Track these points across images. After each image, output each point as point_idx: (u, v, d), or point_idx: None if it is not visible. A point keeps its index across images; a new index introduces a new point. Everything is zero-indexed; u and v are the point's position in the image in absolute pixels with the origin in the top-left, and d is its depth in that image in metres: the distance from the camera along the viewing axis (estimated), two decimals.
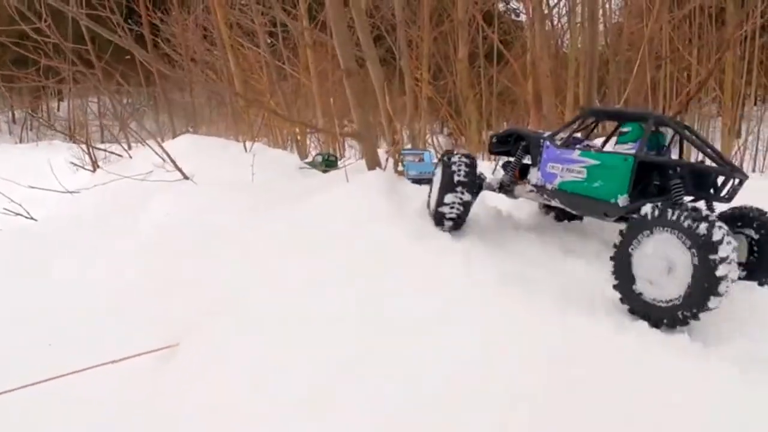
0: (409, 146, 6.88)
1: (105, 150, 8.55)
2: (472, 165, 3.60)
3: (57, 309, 3.16)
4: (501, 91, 14.32)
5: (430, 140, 13.45)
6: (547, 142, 3.59)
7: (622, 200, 2.97)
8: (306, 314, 2.57)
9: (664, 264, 2.53)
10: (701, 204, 3.13)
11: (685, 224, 2.42)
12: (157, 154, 6.70)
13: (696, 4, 11.71)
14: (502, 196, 3.95)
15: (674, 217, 2.48)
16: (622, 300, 2.69)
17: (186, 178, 6.02)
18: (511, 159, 3.92)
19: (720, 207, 3.13)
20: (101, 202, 5.79)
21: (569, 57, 12.24)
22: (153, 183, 5.95)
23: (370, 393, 2.05)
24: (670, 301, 2.47)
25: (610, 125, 4.39)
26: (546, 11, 12.67)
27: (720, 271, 2.32)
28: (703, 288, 2.36)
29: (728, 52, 10.80)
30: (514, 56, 12.31)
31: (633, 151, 3.07)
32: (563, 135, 3.62)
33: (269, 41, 11.82)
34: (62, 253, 3.82)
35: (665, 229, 2.52)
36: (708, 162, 3.47)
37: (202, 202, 4.26)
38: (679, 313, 2.43)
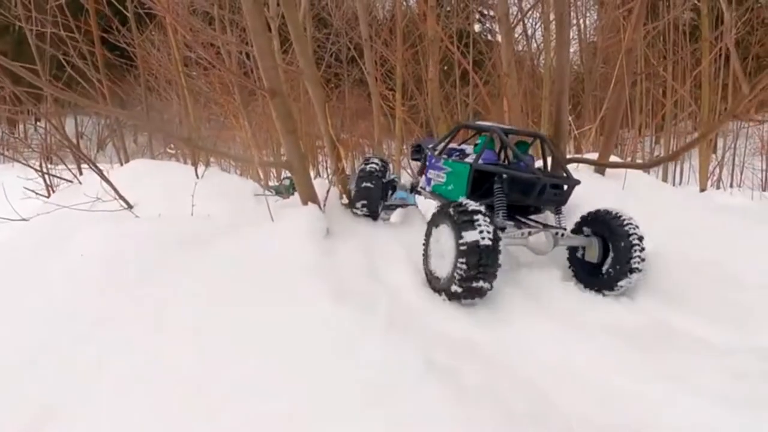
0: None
1: (53, 175, 8.16)
2: (383, 165, 4.54)
3: None
4: (477, 112, 14.16)
5: (408, 163, 13.17)
6: (429, 152, 4.22)
7: (462, 201, 3.32)
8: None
9: (442, 249, 3.11)
10: (553, 208, 3.74)
11: (454, 219, 2.97)
12: (104, 179, 6.36)
13: (670, 20, 11.64)
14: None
15: (448, 213, 3.07)
16: (427, 279, 3.29)
17: (129, 207, 5.70)
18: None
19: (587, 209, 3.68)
20: (38, 234, 5.39)
21: (544, 76, 12.10)
22: (95, 213, 5.60)
23: None
24: (445, 277, 3.04)
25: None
26: (517, 25, 12.57)
27: (470, 257, 2.84)
28: (462, 268, 2.87)
29: (703, 66, 10.72)
30: (485, 77, 12.16)
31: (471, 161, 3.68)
32: (442, 146, 4.27)
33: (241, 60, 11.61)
34: None
35: (445, 223, 3.10)
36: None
37: (127, 241, 3.89)
38: (451, 287, 2.96)
